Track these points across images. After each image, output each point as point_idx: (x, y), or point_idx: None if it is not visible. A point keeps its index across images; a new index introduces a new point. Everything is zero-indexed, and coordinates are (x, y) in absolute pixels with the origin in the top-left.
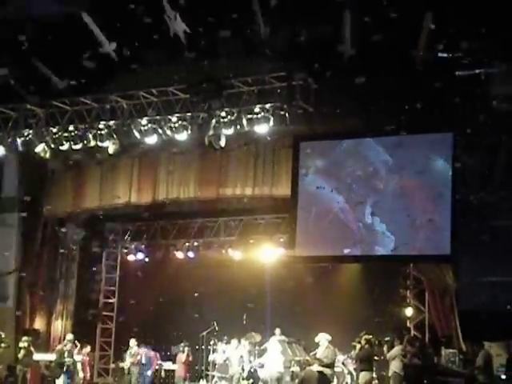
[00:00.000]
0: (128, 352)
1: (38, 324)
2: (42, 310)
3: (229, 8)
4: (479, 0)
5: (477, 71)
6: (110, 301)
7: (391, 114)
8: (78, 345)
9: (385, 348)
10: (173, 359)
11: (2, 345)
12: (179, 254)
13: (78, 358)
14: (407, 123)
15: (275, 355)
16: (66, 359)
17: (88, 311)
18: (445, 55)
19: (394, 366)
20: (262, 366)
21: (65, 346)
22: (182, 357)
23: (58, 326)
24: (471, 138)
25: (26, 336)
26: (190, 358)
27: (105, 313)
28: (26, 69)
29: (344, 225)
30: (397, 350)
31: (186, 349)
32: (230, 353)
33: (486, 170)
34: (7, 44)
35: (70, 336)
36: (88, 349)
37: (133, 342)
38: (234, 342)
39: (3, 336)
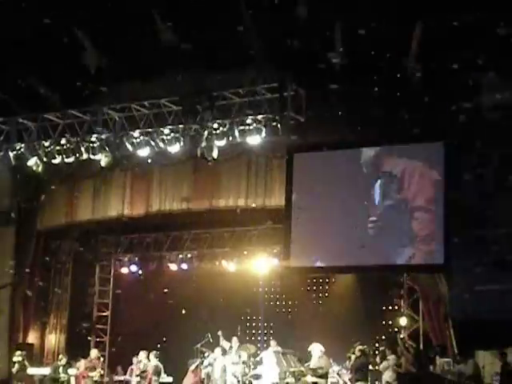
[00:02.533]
0: (136, 365)
1: (32, 338)
2: (35, 323)
3: (220, 19)
4: (469, 10)
5: (468, 80)
6: (104, 314)
7: (383, 123)
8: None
9: (377, 358)
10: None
11: None
12: (173, 266)
13: (71, 372)
14: (399, 133)
15: (270, 366)
16: (61, 374)
17: (82, 324)
18: (436, 64)
19: (388, 377)
20: (257, 378)
21: (59, 360)
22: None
23: (52, 339)
24: (463, 147)
25: (19, 350)
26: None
27: (99, 326)
28: (16, 82)
29: (338, 236)
30: (390, 360)
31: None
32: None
33: (478, 179)
34: None
35: (94, 352)
36: (82, 363)
37: (142, 354)
38: (218, 350)
39: None
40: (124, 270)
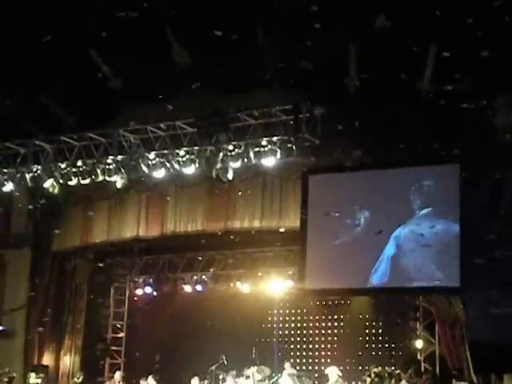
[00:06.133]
0: None
1: (47, 360)
2: (50, 345)
3: (235, 42)
4: (483, 32)
5: (482, 102)
6: (119, 335)
7: (398, 145)
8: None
9: (393, 381)
10: None
11: (5, 379)
12: (187, 288)
13: None
14: (414, 155)
15: None
16: None
17: (96, 346)
18: (450, 87)
19: None
20: None
21: (77, 378)
22: None
23: (67, 361)
24: (478, 169)
25: (34, 372)
26: None
27: (113, 347)
28: (33, 105)
29: (354, 258)
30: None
31: None
32: None
33: (493, 201)
34: (15, 79)
35: (118, 374)
36: None
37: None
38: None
39: (6, 370)
40: (139, 292)
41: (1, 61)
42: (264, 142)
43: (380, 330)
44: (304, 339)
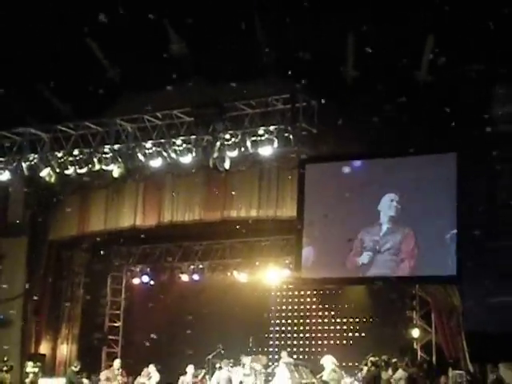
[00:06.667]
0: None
1: (44, 348)
2: (47, 334)
3: (232, 31)
4: (479, 22)
5: (480, 92)
6: (116, 324)
7: (395, 134)
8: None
9: (390, 370)
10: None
11: (4, 368)
12: (184, 277)
13: (86, 382)
14: (411, 144)
15: (283, 379)
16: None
17: (93, 335)
18: (448, 77)
19: None
20: None
21: (75, 367)
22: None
23: (64, 350)
24: (475, 159)
25: (31, 361)
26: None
27: (110, 336)
28: (30, 94)
29: (350, 246)
30: (400, 372)
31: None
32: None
33: (490, 191)
34: (12, 69)
35: (117, 362)
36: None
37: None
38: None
39: (5, 359)
40: (136, 281)
41: None
42: (261, 132)
43: (377, 319)
44: (301, 328)
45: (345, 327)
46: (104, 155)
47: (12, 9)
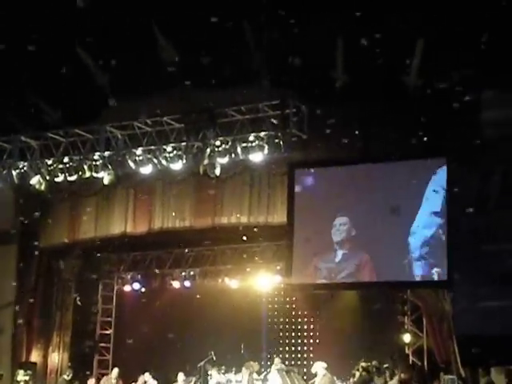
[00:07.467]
0: None
1: (35, 356)
2: (38, 342)
3: (222, 37)
4: (469, 27)
5: (469, 97)
6: (107, 332)
7: (385, 140)
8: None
9: (387, 375)
10: None
11: None
12: (175, 284)
13: None
14: (401, 149)
15: None
16: None
17: (85, 343)
18: (437, 81)
19: None
20: None
21: (67, 375)
22: None
23: (55, 358)
24: (465, 163)
25: (22, 369)
26: None
27: (102, 344)
28: (19, 101)
29: (341, 252)
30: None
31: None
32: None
33: (480, 195)
34: (0, 76)
35: (115, 371)
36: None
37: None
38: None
39: None
40: (127, 288)
41: None
42: (251, 138)
43: (367, 324)
44: (293, 334)
45: (337, 333)
46: (94, 162)
47: (0, 17)
